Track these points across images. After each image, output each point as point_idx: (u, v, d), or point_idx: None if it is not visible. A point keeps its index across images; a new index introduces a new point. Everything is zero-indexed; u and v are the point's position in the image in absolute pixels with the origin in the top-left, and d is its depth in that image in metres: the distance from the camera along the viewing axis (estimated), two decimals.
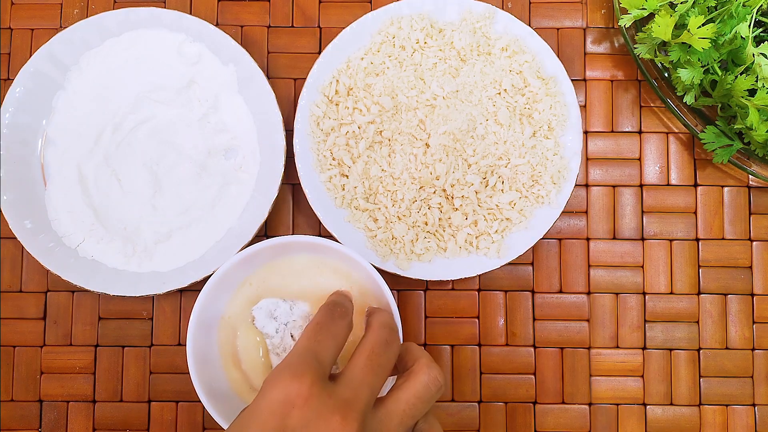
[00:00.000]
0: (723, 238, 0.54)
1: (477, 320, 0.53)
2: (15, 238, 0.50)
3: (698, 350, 0.53)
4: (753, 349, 0.53)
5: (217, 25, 0.55)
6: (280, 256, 0.46)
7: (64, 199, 0.51)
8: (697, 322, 0.53)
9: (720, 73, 0.49)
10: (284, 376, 0.31)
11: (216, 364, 0.46)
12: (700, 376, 0.53)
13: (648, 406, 0.52)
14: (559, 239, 0.54)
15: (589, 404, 0.52)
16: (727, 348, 0.53)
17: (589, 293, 0.53)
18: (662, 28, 0.47)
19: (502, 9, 0.54)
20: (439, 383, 0.35)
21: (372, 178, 0.50)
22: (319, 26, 0.55)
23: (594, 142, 0.55)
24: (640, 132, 0.55)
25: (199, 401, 0.43)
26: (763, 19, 0.48)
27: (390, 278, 0.53)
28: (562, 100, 0.51)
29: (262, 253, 0.44)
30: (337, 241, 0.49)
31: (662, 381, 0.53)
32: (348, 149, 0.50)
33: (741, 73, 0.47)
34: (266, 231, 0.53)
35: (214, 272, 0.44)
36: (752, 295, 0.53)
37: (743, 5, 0.46)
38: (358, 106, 0.50)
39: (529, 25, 0.54)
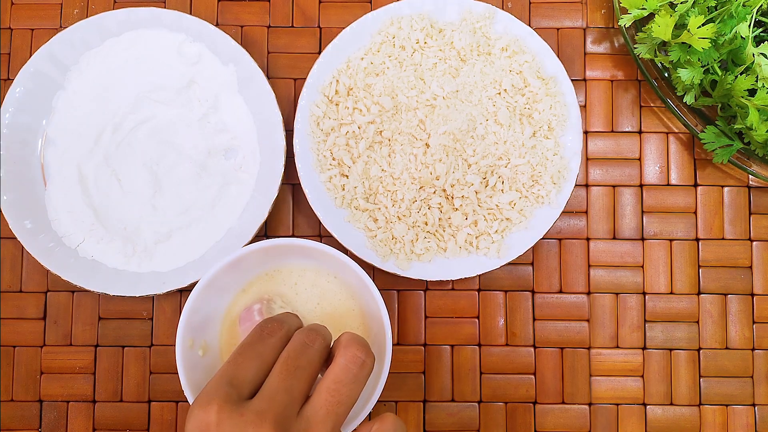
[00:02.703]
0: (723, 238, 0.54)
1: (477, 320, 0.53)
2: (15, 238, 0.50)
3: (698, 350, 0.53)
4: (753, 349, 0.53)
5: (217, 25, 0.55)
6: (275, 258, 0.47)
7: (64, 199, 0.51)
8: (697, 322, 0.53)
9: (720, 73, 0.49)
10: (194, 409, 0.32)
11: (218, 366, 0.46)
12: (700, 376, 0.53)
13: (648, 406, 0.52)
14: (559, 239, 0.54)
15: (589, 404, 0.52)
16: (727, 348, 0.53)
17: (589, 293, 0.53)
18: (662, 28, 0.47)
19: (502, 9, 0.54)
20: (360, 359, 0.34)
21: (372, 178, 0.50)
22: (319, 26, 0.55)
23: (594, 142, 0.55)
24: (640, 132, 0.55)
25: None
26: (763, 19, 0.48)
27: (390, 278, 0.53)
28: (562, 100, 0.51)
29: (251, 257, 0.44)
30: (337, 241, 0.50)
31: (662, 381, 0.53)
32: (348, 149, 0.50)
33: (741, 73, 0.47)
34: (266, 231, 0.53)
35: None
36: (752, 295, 0.53)
37: (743, 5, 0.46)
38: (358, 106, 0.50)
39: (529, 25, 0.54)
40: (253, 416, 0.31)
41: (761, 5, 0.47)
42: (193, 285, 0.49)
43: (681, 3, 0.47)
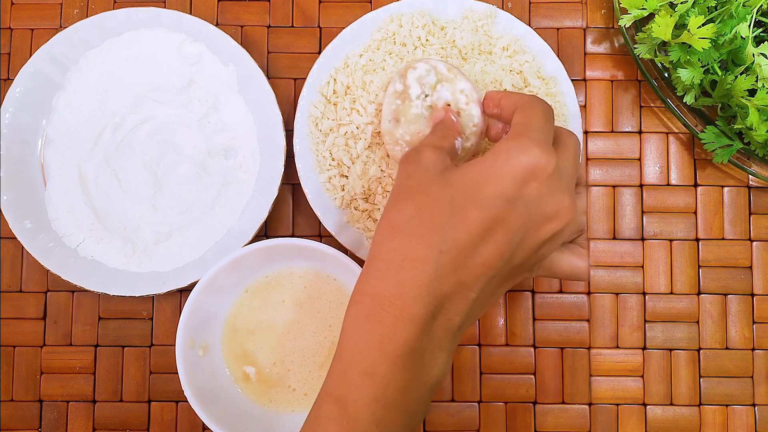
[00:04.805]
0: (723, 238, 0.54)
1: (477, 320, 0.53)
2: (15, 238, 0.50)
3: (698, 350, 0.53)
4: (753, 349, 0.53)
5: (217, 25, 0.55)
6: (275, 259, 0.47)
7: (64, 199, 0.51)
8: (697, 322, 0.53)
9: (720, 73, 0.49)
10: (534, 147, 0.33)
11: (219, 366, 0.46)
12: (700, 376, 0.53)
13: (648, 406, 0.52)
14: None
15: (589, 404, 0.52)
16: (727, 348, 0.53)
17: (589, 293, 0.53)
18: (662, 28, 0.47)
19: (502, 8, 0.54)
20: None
21: (371, 179, 0.50)
22: (319, 26, 0.55)
23: (594, 142, 0.55)
24: (640, 132, 0.55)
25: None
26: (763, 19, 0.48)
27: None
28: (562, 100, 0.51)
29: (251, 257, 0.44)
30: (337, 241, 0.50)
31: (662, 381, 0.53)
32: (347, 149, 0.50)
33: (741, 73, 0.47)
34: (266, 231, 0.53)
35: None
36: (752, 295, 0.53)
37: (743, 5, 0.46)
38: (355, 106, 0.50)
39: (529, 25, 0.54)
40: (569, 187, 0.35)
41: (761, 5, 0.47)
42: (193, 285, 0.49)
43: (681, 3, 0.47)
